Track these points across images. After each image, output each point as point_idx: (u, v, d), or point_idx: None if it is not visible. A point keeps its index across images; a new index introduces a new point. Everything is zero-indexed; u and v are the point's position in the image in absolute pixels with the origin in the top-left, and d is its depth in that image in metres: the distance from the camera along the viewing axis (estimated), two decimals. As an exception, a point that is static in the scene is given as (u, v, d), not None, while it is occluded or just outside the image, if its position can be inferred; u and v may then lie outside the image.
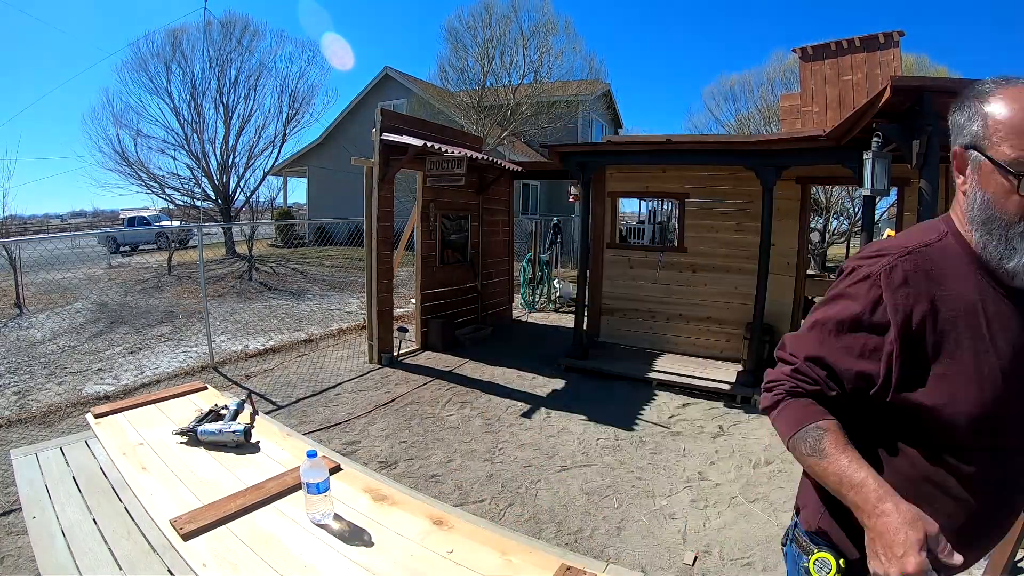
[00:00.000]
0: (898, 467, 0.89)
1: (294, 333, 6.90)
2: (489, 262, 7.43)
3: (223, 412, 1.95)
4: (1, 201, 12.96)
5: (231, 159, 15.31)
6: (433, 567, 1.20)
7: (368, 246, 5.52)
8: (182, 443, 1.77)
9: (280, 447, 1.79)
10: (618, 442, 3.86)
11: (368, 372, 5.34)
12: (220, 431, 1.78)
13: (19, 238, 11.73)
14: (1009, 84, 0.83)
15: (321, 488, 1.33)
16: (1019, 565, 2.20)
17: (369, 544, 1.28)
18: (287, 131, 15.88)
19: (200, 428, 1.78)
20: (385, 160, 5.38)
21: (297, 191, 42.87)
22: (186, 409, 2.08)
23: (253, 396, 2.13)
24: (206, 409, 1.97)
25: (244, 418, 1.96)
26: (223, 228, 14.96)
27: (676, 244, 6.08)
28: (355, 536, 1.31)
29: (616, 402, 4.64)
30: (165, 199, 15.51)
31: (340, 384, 4.99)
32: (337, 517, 1.37)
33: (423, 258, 6.15)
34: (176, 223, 16.97)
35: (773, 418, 0.94)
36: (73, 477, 1.61)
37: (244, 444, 1.77)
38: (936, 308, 0.82)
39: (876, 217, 4.96)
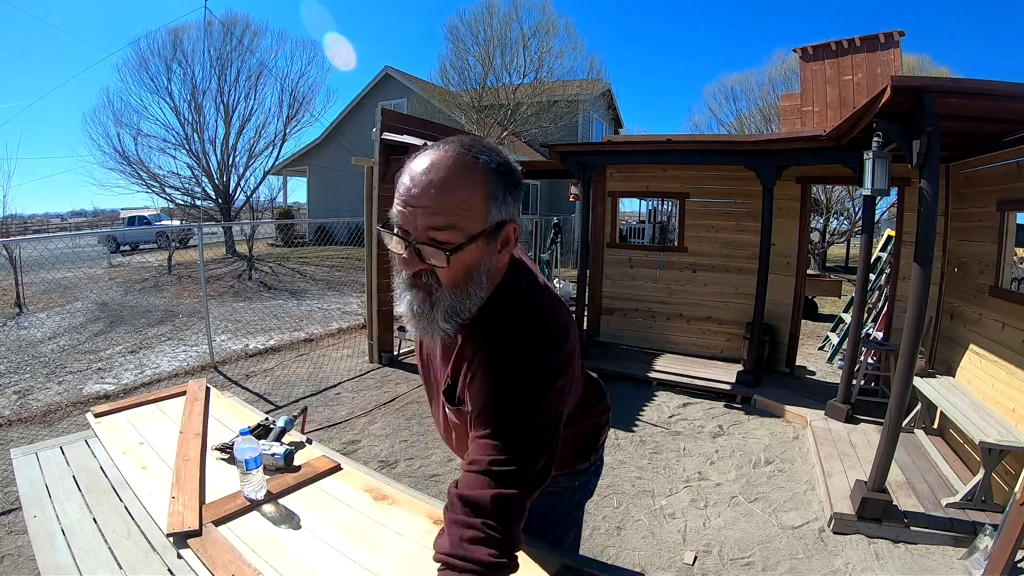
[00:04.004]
0: None
1: (294, 332, 6.89)
2: (489, 262, 7.41)
3: (271, 427, 1.77)
4: (1, 201, 12.94)
5: (231, 158, 15.32)
6: (433, 567, 1.20)
7: (368, 245, 5.52)
8: (222, 459, 1.65)
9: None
10: (618, 441, 3.86)
11: (368, 371, 5.34)
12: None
13: (19, 237, 11.73)
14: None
15: (252, 465, 1.42)
16: (1019, 565, 2.20)
17: (369, 544, 1.28)
18: (287, 130, 15.89)
19: (238, 447, 1.56)
20: (386, 159, 5.38)
21: (297, 191, 42.87)
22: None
23: (307, 413, 1.99)
24: (254, 423, 1.82)
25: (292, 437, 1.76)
26: (223, 227, 14.96)
27: (676, 244, 6.07)
28: (355, 536, 1.31)
29: (616, 401, 4.64)
30: (165, 198, 15.53)
31: (340, 383, 4.99)
32: (268, 493, 1.44)
33: (423, 258, 6.14)
34: (176, 222, 16.96)
35: None
36: (73, 476, 1.61)
37: (283, 469, 1.58)
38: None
39: (876, 217, 4.96)
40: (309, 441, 1.81)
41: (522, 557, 1.22)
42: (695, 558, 2.58)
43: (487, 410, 0.90)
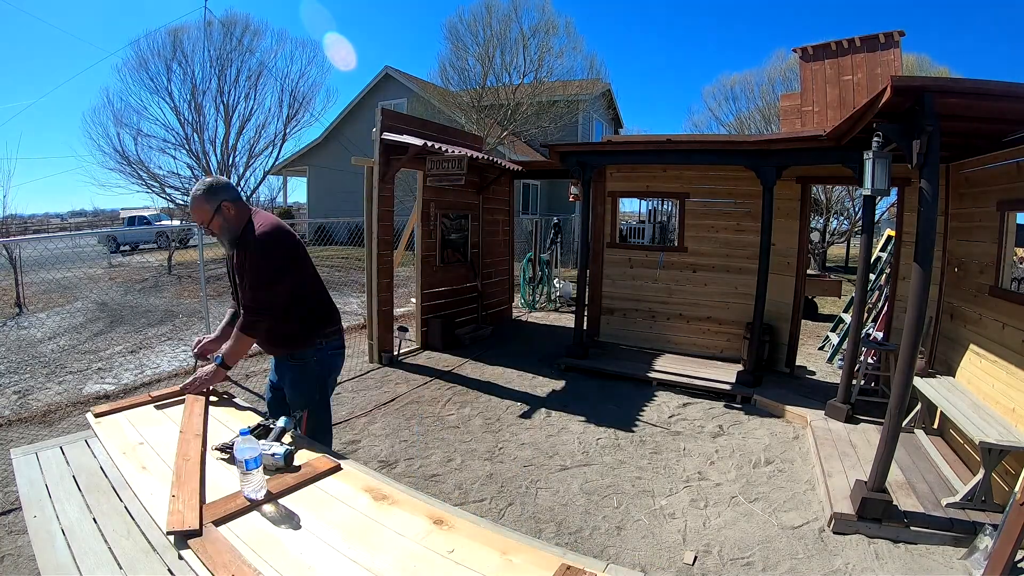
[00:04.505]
0: None
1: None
2: (489, 262, 7.43)
3: (271, 427, 1.79)
4: (1, 201, 12.92)
5: (231, 158, 15.29)
6: (433, 567, 1.20)
7: (368, 246, 5.52)
8: (222, 459, 1.66)
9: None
10: (618, 442, 3.86)
11: (368, 371, 5.34)
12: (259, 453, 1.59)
13: (19, 237, 11.72)
14: None
15: (252, 465, 1.43)
16: (1019, 565, 2.20)
17: (369, 544, 1.28)
18: (287, 130, 15.85)
19: (239, 447, 1.59)
20: (385, 160, 5.38)
21: (297, 191, 42.94)
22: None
23: (308, 413, 2.05)
24: (254, 423, 1.82)
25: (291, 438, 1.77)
26: (223, 227, 14.89)
27: (676, 244, 6.07)
28: (355, 536, 1.31)
29: (616, 402, 4.64)
30: (165, 198, 15.49)
31: (340, 383, 4.98)
32: (268, 493, 1.44)
33: (423, 258, 6.15)
34: (176, 222, 16.95)
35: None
36: (73, 476, 1.61)
37: (284, 469, 1.59)
38: None
39: (876, 217, 4.96)
40: (309, 441, 1.81)
41: (522, 557, 1.22)
42: (695, 558, 2.58)
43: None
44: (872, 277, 5.95)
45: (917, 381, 3.66)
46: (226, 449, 1.69)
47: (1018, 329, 3.02)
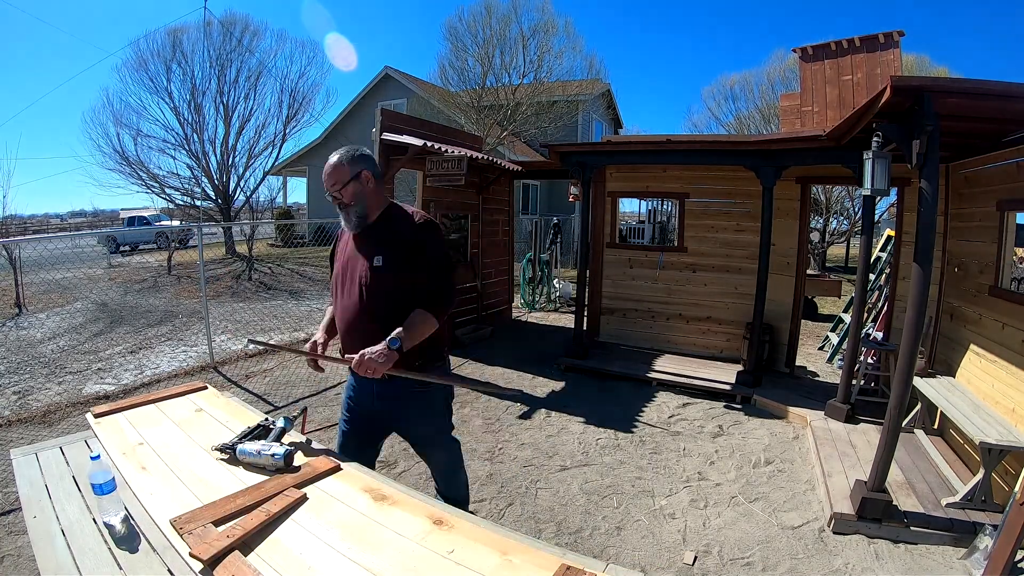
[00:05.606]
0: None
1: (294, 333, 6.89)
2: (489, 262, 7.42)
3: (271, 428, 1.79)
4: (1, 201, 12.92)
5: (231, 159, 15.29)
6: (433, 567, 1.20)
7: (368, 246, 5.51)
8: (222, 459, 1.66)
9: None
10: (618, 442, 3.86)
11: (368, 372, 5.33)
12: (259, 452, 1.61)
13: (19, 238, 11.71)
14: None
15: (107, 489, 1.36)
16: (1019, 565, 2.20)
17: (369, 544, 1.28)
18: (287, 131, 15.85)
19: (239, 447, 1.65)
20: (385, 160, 5.38)
21: (297, 191, 42.94)
22: (186, 409, 2.08)
23: (307, 413, 2.02)
24: (254, 423, 1.83)
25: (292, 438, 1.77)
26: (223, 228, 14.93)
27: (676, 244, 6.08)
28: (355, 536, 1.31)
29: (616, 402, 4.64)
30: (165, 199, 15.50)
31: (340, 384, 4.98)
32: (125, 519, 1.36)
33: (423, 258, 6.13)
34: (176, 223, 16.95)
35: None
36: (73, 477, 1.61)
37: (284, 469, 1.59)
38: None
39: (876, 217, 4.96)
40: (309, 441, 1.81)
41: (522, 557, 1.22)
42: (695, 558, 2.58)
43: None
44: (872, 277, 5.96)
45: (917, 381, 3.66)
46: (226, 449, 1.69)
47: (1018, 329, 3.02)
